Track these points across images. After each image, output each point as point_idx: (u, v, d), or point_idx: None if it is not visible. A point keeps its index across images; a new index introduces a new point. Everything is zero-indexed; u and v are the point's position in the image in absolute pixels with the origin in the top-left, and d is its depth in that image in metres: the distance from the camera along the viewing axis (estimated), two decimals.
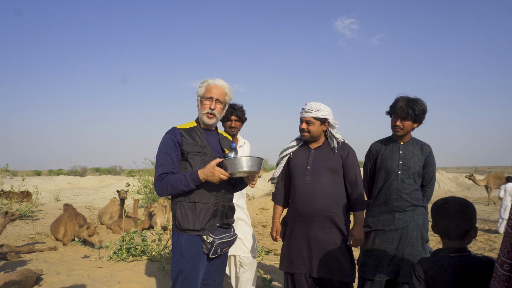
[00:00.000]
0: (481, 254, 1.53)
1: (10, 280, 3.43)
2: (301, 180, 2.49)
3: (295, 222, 2.50)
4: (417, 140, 2.69)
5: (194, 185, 1.99)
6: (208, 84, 2.18)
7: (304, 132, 2.50)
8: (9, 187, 12.36)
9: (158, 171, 2.07)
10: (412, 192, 2.58)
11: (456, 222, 1.48)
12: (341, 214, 2.43)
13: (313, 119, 2.46)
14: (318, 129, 2.48)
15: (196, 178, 1.97)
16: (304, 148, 2.60)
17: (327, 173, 2.45)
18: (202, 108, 2.17)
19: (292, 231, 2.51)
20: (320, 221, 2.40)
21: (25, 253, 5.18)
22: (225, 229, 2.17)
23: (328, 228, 2.39)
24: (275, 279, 4.13)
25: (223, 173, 1.94)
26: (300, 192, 2.47)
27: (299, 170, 2.52)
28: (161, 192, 2.05)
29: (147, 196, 11.61)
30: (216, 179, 1.96)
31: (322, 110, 2.45)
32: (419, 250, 2.53)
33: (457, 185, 22.08)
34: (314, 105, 2.46)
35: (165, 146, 2.09)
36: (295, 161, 2.58)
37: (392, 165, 2.62)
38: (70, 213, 6.32)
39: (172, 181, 2.00)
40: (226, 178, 1.96)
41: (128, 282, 3.89)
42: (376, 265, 2.55)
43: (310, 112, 2.45)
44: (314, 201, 2.40)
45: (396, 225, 2.55)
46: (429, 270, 1.46)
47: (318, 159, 2.50)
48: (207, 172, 1.95)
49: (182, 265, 2.04)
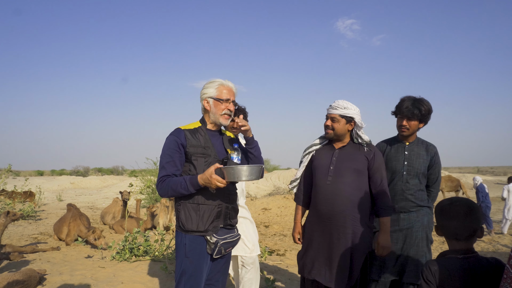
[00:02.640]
0: (491, 257, 1.51)
1: (13, 280, 3.44)
2: (323, 180, 2.40)
3: (315, 224, 2.42)
4: (423, 141, 2.68)
5: (193, 189, 1.99)
6: (221, 85, 2.16)
7: (328, 129, 2.43)
8: (12, 187, 12.38)
9: (160, 173, 2.07)
10: (417, 192, 2.57)
11: (465, 222, 1.47)
12: (363, 218, 2.32)
13: (339, 116, 2.37)
14: (343, 127, 2.39)
15: (196, 183, 1.97)
16: (328, 147, 2.52)
17: (351, 174, 2.35)
18: (218, 109, 2.15)
19: (312, 234, 2.44)
20: (340, 224, 2.31)
21: (28, 253, 5.19)
22: (229, 229, 2.17)
23: (348, 233, 2.29)
24: (278, 279, 4.13)
25: (220, 181, 1.91)
26: (321, 192, 2.38)
27: (322, 170, 2.43)
28: (162, 194, 2.06)
29: (150, 196, 11.63)
30: (213, 187, 1.94)
31: (349, 109, 2.36)
32: (424, 250, 2.52)
33: None
34: (342, 102, 2.39)
35: (168, 148, 2.08)
36: (318, 160, 2.50)
37: (397, 165, 2.61)
38: (73, 213, 6.33)
39: (172, 184, 2.00)
40: (224, 185, 1.94)
41: (131, 282, 3.89)
42: (381, 265, 2.54)
43: (337, 109, 2.38)
44: (335, 202, 2.31)
45: (401, 226, 2.54)
46: (438, 273, 1.44)
47: (342, 159, 2.41)
48: (205, 179, 1.94)
49: (186, 265, 2.04)
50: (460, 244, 1.49)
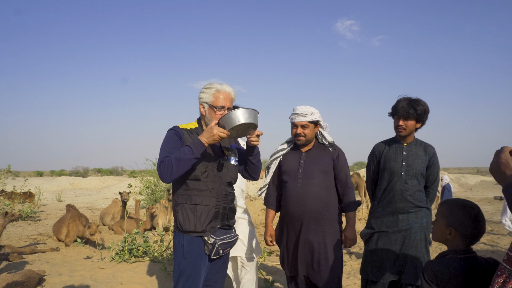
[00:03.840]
0: (489, 257, 1.51)
1: (12, 281, 3.44)
2: (293, 183, 2.51)
3: (288, 225, 2.52)
4: (421, 141, 2.68)
5: (198, 153, 1.94)
6: (217, 91, 2.11)
7: (300, 137, 2.51)
8: (12, 187, 12.37)
9: (161, 156, 2.01)
10: (415, 193, 2.57)
11: (484, 228, 1.50)
12: (333, 216, 2.45)
13: (308, 122, 2.48)
14: (312, 132, 2.54)
15: (199, 143, 1.94)
16: (295, 151, 2.62)
17: (319, 175, 2.48)
18: (212, 116, 2.11)
19: (286, 234, 2.54)
20: (312, 223, 2.41)
21: (27, 253, 5.19)
22: (226, 230, 2.17)
23: (320, 231, 2.41)
24: (277, 280, 4.13)
25: (221, 131, 1.91)
26: (292, 194, 2.49)
27: (291, 173, 2.54)
28: (165, 172, 1.94)
29: (149, 197, 11.63)
30: (217, 138, 1.93)
31: (315, 113, 2.50)
32: (422, 251, 2.52)
33: (460, 185, 22.04)
34: (307, 108, 2.49)
35: (169, 139, 2.07)
36: (286, 164, 2.60)
37: (395, 166, 2.61)
38: (72, 214, 6.33)
39: (175, 155, 1.93)
40: (227, 136, 1.94)
41: (130, 283, 3.90)
42: (380, 266, 2.54)
43: (305, 116, 2.47)
44: (306, 203, 2.43)
45: (399, 227, 2.54)
46: (439, 273, 1.43)
47: (309, 161, 2.53)
48: (206, 134, 1.94)
49: (184, 266, 2.04)
50: (462, 245, 1.49)
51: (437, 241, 1.59)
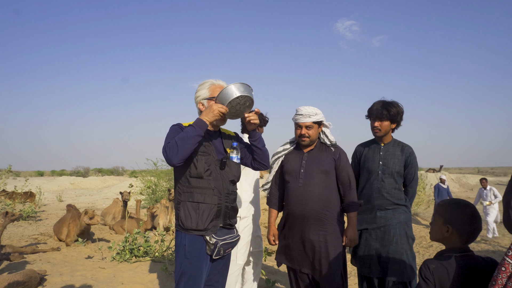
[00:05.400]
0: (487, 257, 1.52)
1: (14, 281, 3.45)
2: (294, 183, 2.53)
3: (290, 224, 2.54)
4: (399, 142, 2.80)
5: (201, 130, 1.97)
6: (212, 84, 2.16)
7: (305, 138, 2.53)
8: (12, 187, 12.39)
9: (166, 141, 2.01)
10: (392, 190, 2.67)
11: (481, 227, 1.52)
12: (333, 216, 2.46)
13: (312, 123, 2.50)
14: (316, 132, 2.56)
15: (200, 122, 1.98)
16: (297, 151, 2.64)
17: (320, 175, 2.49)
18: None
19: (288, 233, 2.55)
20: (313, 223, 2.43)
21: (28, 253, 5.20)
22: (228, 229, 2.18)
23: (321, 230, 2.42)
24: (278, 280, 4.13)
25: (221, 106, 1.98)
26: (294, 195, 2.51)
27: (293, 173, 2.56)
28: (171, 153, 1.91)
29: (150, 197, 11.65)
30: (217, 114, 1.98)
31: (318, 114, 2.51)
32: (404, 248, 2.58)
33: (460, 185, 22.04)
34: (311, 109, 2.50)
35: (173, 132, 2.08)
36: (288, 164, 2.62)
37: (373, 165, 2.74)
38: (73, 214, 6.35)
39: (180, 136, 1.95)
40: (226, 111, 1.99)
41: (131, 283, 3.90)
42: (365, 263, 2.63)
43: (310, 117, 2.49)
44: (307, 204, 2.44)
45: (378, 224, 2.64)
46: (436, 271, 1.45)
47: (311, 161, 2.54)
48: (206, 112, 1.99)
49: (185, 266, 2.04)
50: (460, 243, 1.51)
51: (434, 240, 1.60)
